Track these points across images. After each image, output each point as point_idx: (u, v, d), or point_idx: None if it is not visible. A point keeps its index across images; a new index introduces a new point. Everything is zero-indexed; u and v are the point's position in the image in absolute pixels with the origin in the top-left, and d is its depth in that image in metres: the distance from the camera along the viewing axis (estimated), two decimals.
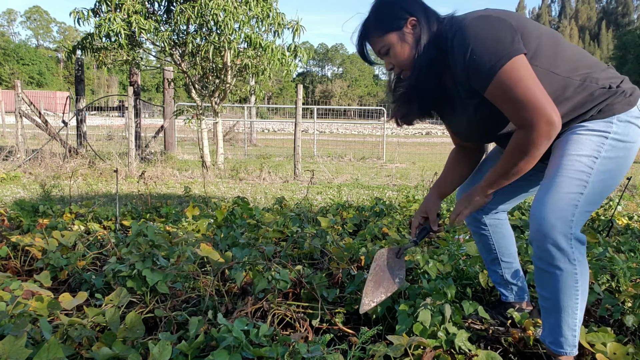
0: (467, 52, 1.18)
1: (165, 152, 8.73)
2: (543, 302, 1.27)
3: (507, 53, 1.15)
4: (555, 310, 1.24)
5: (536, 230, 1.18)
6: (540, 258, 1.20)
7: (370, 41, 1.34)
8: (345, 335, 1.52)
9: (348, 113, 23.78)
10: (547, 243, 1.16)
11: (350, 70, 69.97)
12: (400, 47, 1.30)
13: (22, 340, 1.14)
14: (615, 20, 55.73)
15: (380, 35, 1.31)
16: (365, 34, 1.34)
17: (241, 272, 1.73)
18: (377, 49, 1.34)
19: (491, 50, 1.15)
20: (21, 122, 7.39)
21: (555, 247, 1.16)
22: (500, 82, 1.15)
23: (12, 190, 4.97)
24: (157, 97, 33.72)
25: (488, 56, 1.15)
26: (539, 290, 1.27)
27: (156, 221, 2.99)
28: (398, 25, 1.29)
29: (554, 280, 1.20)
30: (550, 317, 1.26)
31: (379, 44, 1.32)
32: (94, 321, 1.39)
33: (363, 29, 1.34)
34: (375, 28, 1.32)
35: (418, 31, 1.29)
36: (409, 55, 1.30)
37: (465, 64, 1.19)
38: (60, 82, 51.20)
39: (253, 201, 4.34)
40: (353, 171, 7.38)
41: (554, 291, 1.22)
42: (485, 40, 1.16)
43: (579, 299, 1.22)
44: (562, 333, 1.26)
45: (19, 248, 2.18)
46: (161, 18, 6.66)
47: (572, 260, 1.18)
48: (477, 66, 1.17)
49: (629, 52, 37.14)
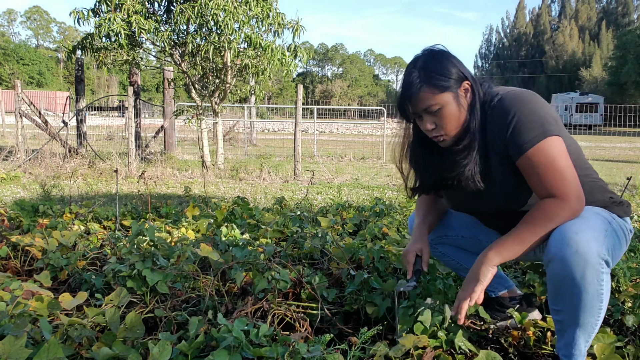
0: (513, 115, 1.20)
1: (165, 152, 8.73)
2: (561, 317, 1.21)
3: (555, 129, 1.20)
4: (573, 326, 1.20)
5: (567, 246, 1.12)
6: (567, 276, 1.14)
7: (420, 96, 1.25)
8: (345, 335, 1.52)
9: (348, 113, 23.79)
10: (580, 261, 1.11)
11: (350, 70, 69.96)
12: (454, 108, 1.25)
13: (22, 340, 1.14)
14: (615, 20, 55.69)
15: (435, 93, 1.24)
16: (416, 87, 1.24)
17: (241, 272, 1.73)
18: (424, 106, 1.25)
19: (541, 119, 1.20)
20: (21, 122, 7.39)
21: (588, 266, 1.12)
22: (546, 147, 1.18)
23: (12, 190, 4.97)
24: (157, 97, 33.71)
25: (537, 123, 1.19)
26: (557, 307, 1.21)
27: (156, 221, 2.99)
28: (455, 87, 1.26)
29: (580, 297, 1.14)
30: (567, 332, 1.22)
31: (430, 101, 1.24)
32: (94, 321, 1.39)
33: (414, 81, 1.25)
34: (429, 84, 1.24)
35: (470, 96, 1.28)
36: (463, 119, 1.27)
37: (507, 125, 1.21)
38: (60, 82, 51.19)
39: (253, 201, 4.34)
40: (353, 171, 7.38)
41: (577, 309, 1.17)
42: (536, 110, 1.21)
43: (600, 317, 1.19)
44: (578, 347, 1.22)
45: (19, 248, 2.18)
46: (161, 18, 6.66)
47: (600, 281, 1.14)
48: (523, 128, 1.19)
49: (629, 52, 37.13)
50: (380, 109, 11.93)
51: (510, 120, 1.21)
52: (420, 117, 1.30)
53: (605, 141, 16.45)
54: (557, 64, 56.76)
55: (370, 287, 1.69)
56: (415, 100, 1.26)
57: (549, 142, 1.18)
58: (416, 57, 1.30)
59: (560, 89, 46.24)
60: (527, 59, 62.08)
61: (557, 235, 1.16)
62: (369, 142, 11.97)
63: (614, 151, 12.87)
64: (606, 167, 8.73)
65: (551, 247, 1.16)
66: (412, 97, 1.26)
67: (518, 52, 64.93)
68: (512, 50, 66.81)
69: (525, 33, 65.84)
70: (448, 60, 1.27)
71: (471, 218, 1.55)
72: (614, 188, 5.50)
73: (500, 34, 70.98)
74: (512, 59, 65.04)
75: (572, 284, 1.14)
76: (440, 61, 1.27)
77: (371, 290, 1.68)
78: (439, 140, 1.31)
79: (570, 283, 1.14)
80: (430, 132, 1.30)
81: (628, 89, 37.39)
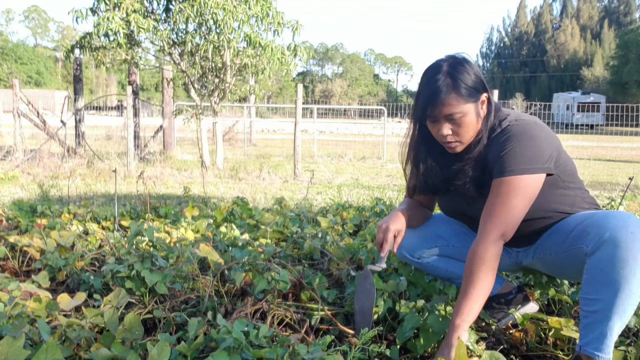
0: (514, 142, 1.27)
1: (164, 152, 8.72)
2: (597, 307, 1.19)
3: (544, 167, 1.27)
4: (611, 314, 1.18)
5: (623, 228, 1.15)
6: (620, 257, 1.14)
7: (446, 102, 1.27)
8: (345, 336, 1.51)
9: (348, 113, 23.78)
10: (635, 242, 1.14)
11: (351, 70, 69.96)
12: (474, 118, 1.30)
13: (21, 341, 1.13)
14: (617, 19, 55.68)
15: (460, 102, 1.28)
16: (443, 92, 1.27)
17: (241, 273, 1.72)
18: (447, 112, 1.28)
19: (535, 155, 1.26)
20: (19, 122, 7.38)
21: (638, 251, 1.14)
22: (518, 183, 1.25)
23: (10, 190, 4.95)
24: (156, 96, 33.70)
25: (529, 158, 1.26)
26: (595, 296, 1.19)
27: (155, 221, 2.98)
28: (476, 97, 1.31)
29: (628, 281, 1.15)
30: (602, 323, 1.20)
31: (454, 109, 1.28)
32: (93, 322, 1.38)
33: (441, 87, 1.27)
34: (456, 92, 1.27)
35: (486, 109, 1.33)
36: (477, 128, 1.32)
37: (504, 148, 1.27)
38: (58, 81, 51.15)
39: (252, 201, 4.33)
40: (353, 171, 7.37)
41: (620, 295, 1.16)
42: (535, 145, 1.27)
43: (635, 306, 1.18)
44: (612, 338, 1.19)
45: (17, 248, 2.17)
46: (160, 17, 6.64)
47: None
48: (514, 157, 1.26)
49: (630, 52, 37.13)
50: (381, 108, 11.92)
51: (509, 145, 1.28)
52: (437, 122, 1.32)
53: (607, 141, 16.46)
54: (558, 63, 56.79)
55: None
56: (440, 105, 1.28)
57: (524, 179, 1.25)
58: (439, 62, 1.32)
59: (561, 89, 46.29)
60: (529, 58, 62.09)
61: (605, 221, 1.20)
62: (369, 142, 11.96)
63: (615, 151, 12.88)
64: (608, 167, 8.72)
65: (602, 231, 1.18)
66: (437, 102, 1.28)
67: (519, 51, 64.94)
68: (513, 49, 66.82)
69: (526, 32, 65.86)
70: (473, 70, 1.31)
71: (459, 226, 1.58)
72: (616, 188, 5.50)
73: (501, 33, 71.02)
74: (513, 58, 65.06)
75: (624, 266, 1.14)
76: (467, 70, 1.30)
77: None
78: (451, 146, 1.34)
79: (622, 265, 1.15)
80: (445, 138, 1.33)
81: (630, 88, 37.40)
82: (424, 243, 1.59)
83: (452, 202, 1.48)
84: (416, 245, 1.58)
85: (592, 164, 8.11)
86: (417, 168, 1.47)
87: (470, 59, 1.35)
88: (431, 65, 1.34)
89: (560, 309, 1.68)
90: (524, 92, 41.58)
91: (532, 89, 53.74)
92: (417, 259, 1.60)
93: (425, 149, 1.42)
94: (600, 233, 1.19)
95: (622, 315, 1.18)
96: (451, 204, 1.50)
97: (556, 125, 25.07)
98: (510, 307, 1.61)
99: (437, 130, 1.33)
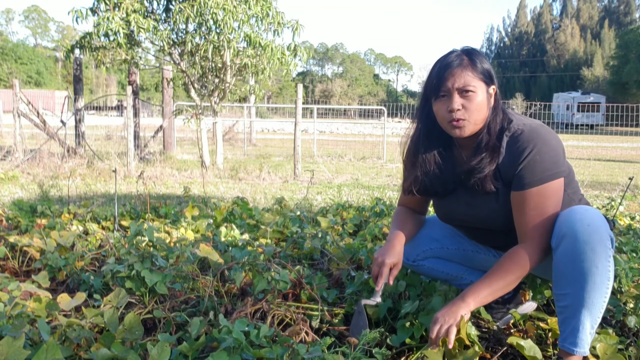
0: (531, 151, 1.26)
1: (164, 152, 8.72)
2: (567, 301, 1.22)
3: (563, 170, 1.29)
4: (581, 308, 1.20)
5: (579, 222, 1.18)
6: (579, 250, 1.17)
7: (464, 73, 1.28)
8: (345, 336, 1.51)
9: (348, 113, 23.77)
10: (593, 234, 1.16)
11: (351, 70, 69.95)
12: (484, 100, 1.31)
13: (21, 341, 1.13)
14: (617, 19, 55.65)
15: (476, 77, 1.29)
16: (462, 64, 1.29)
17: (241, 273, 1.72)
18: (463, 83, 1.28)
19: (555, 159, 1.27)
20: (19, 122, 7.38)
21: (600, 238, 1.16)
22: (547, 189, 1.26)
23: (10, 190, 4.95)
24: (156, 96, 33.68)
25: (550, 163, 1.26)
26: (564, 291, 1.22)
27: (155, 221, 2.98)
28: (488, 83, 1.32)
29: (591, 273, 1.17)
30: (574, 318, 1.21)
31: (470, 81, 1.28)
32: (93, 322, 1.38)
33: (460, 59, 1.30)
34: (474, 67, 1.30)
35: (494, 101, 1.34)
36: (485, 115, 1.32)
37: (522, 158, 1.27)
38: (58, 81, 51.14)
39: (252, 201, 4.33)
40: (353, 171, 7.37)
41: (586, 288, 1.18)
42: (552, 148, 1.27)
43: (606, 300, 1.20)
44: (585, 332, 1.21)
45: (17, 248, 2.17)
46: (160, 17, 6.64)
47: (608, 257, 1.18)
48: (537, 166, 1.26)
49: (630, 51, 37.13)
50: (381, 108, 11.92)
51: (527, 155, 1.27)
52: (448, 96, 1.30)
53: (607, 141, 16.46)
54: (558, 63, 56.79)
55: (371, 288, 1.68)
56: (455, 75, 1.28)
57: (552, 185, 1.27)
58: (453, 51, 1.35)
59: (561, 88, 46.26)
60: (529, 58, 62.09)
61: (565, 216, 1.22)
62: (369, 142, 11.96)
63: (615, 151, 12.88)
64: (608, 166, 8.72)
65: (562, 226, 1.20)
66: (452, 72, 1.28)
67: (519, 51, 64.95)
68: (513, 49, 66.83)
69: (526, 32, 65.87)
70: (486, 60, 1.35)
71: (453, 230, 1.58)
72: (616, 188, 5.50)
73: (501, 33, 71.07)
74: (513, 58, 65.06)
75: (584, 259, 1.17)
76: (482, 56, 1.34)
77: (371, 291, 1.67)
78: (459, 124, 1.30)
79: (581, 258, 1.17)
80: (454, 113, 1.29)
81: (630, 88, 37.40)
82: (419, 246, 1.59)
83: (450, 206, 1.47)
84: (411, 249, 1.58)
85: (592, 164, 8.11)
86: (419, 167, 1.44)
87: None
88: (443, 54, 1.35)
89: None
90: (524, 92, 41.55)
91: (532, 88, 53.72)
92: (413, 262, 1.60)
93: (429, 148, 1.41)
94: (560, 228, 1.21)
95: (591, 308, 1.19)
96: (448, 209, 1.48)
97: (556, 125, 25.06)
98: (510, 307, 1.61)
99: (446, 107, 1.30)
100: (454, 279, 1.62)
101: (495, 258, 1.56)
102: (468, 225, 1.49)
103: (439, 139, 1.41)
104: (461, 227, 1.54)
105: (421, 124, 1.42)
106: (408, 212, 1.57)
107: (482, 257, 1.58)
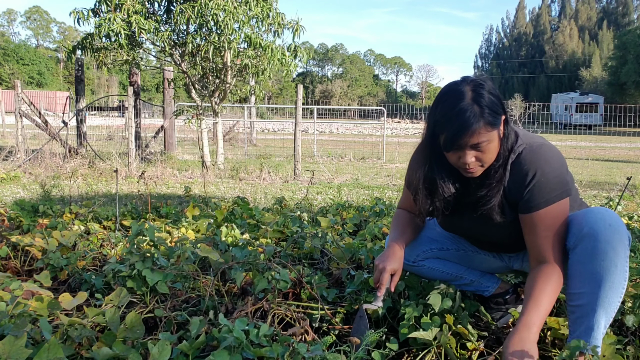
0: (534, 175, 1.26)
1: (165, 152, 8.73)
2: (583, 300, 1.21)
3: (569, 188, 1.29)
4: (597, 307, 1.19)
5: (601, 221, 1.19)
6: (600, 250, 1.17)
7: (477, 132, 1.20)
8: (346, 335, 1.52)
9: (348, 113, 23.78)
10: (614, 233, 1.17)
11: (350, 70, 69.94)
12: (497, 143, 1.26)
13: (22, 340, 1.14)
14: (615, 20, 55.60)
15: (489, 130, 1.22)
16: (477, 123, 1.20)
17: (241, 272, 1.73)
18: (477, 141, 1.21)
19: (560, 179, 1.27)
20: (21, 122, 7.39)
21: (621, 238, 1.18)
22: (555, 209, 1.26)
23: (12, 190, 4.97)
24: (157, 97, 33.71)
25: (556, 184, 1.26)
26: (580, 290, 1.21)
27: (156, 221, 2.99)
28: (499, 121, 1.24)
29: (610, 272, 1.17)
30: (588, 316, 1.21)
31: (484, 137, 1.21)
32: (94, 321, 1.39)
33: (473, 117, 1.20)
34: (486, 121, 1.20)
35: (504, 129, 1.27)
36: (497, 150, 1.27)
37: (527, 182, 1.26)
38: (60, 82, 51.16)
39: (253, 201, 4.34)
40: (353, 171, 7.38)
41: (603, 287, 1.18)
42: (556, 169, 1.27)
43: (620, 299, 1.21)
44: (599, 331, 1.20)
45: (19, 248, 2.18)
46: (161, 18, 6.66)
47: (626, 257, 1.19)
48: (543, 188, 1.25)
49: (629, 52, 37.10)
50: (381, 109, 11.93)
51: (531, 178, 1.26)
52: (460, 150, 1.25)
53: (605, 141, 16.46)
54: (557, 64, 56.73)
55: (371, 287, 1.69)
56: (469, 135, 1.21)
57: (561, 204, 1.26)
58: (460, 88, 1.24)
59: (560, 89, 46.23)
60: (527, 59, 62.04)
61: (585, 217, 1.23)
62: (369, 142, 11.97)
63: (614, 151, 12.88)
64: (606, 167, 8.72)
65: (582, 227, 1.21)
66: (467, 133, 1.20)
67: (518, 52, 64.89)
68: (512, 50, 66.78)
69: (525, 33, 65.82)
70: (495, 95, 1.25)
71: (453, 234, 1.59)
72: (614, 188, 5.51)
73: (500, 34, 70.98)
74: (512, 59, 65.01)
75: (604, 258, 1.17)
76: (491, 95, 1.24)
77: (371, 290, 1.68)
78: (472, 171, 1.28)
79: (602, 257, 1.17)
80: (467, 165, 1.26)
81: (628, 89, 37.36)
82: (419, 247, 1.60)
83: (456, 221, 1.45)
84: (411, 250, 1.58)
85: (591, 164, 8.11)
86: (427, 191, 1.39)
87: (490, 81, 1.29)
88: (451, 89, 1.26)
89: (558, 309, 1.69)
90: (523, 93, 41.48)
91: (531, 89, 53.68)
92: (413, 263, 1.61)
93: (442, 174, 1.35)
94: (580, 228, 1.22)
95: (607, 307, 1.19)
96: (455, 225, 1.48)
97: (554, 126, 25.07)
98: (509, 306, 1.62)
99: (458, 158, 1.26)
100: (453, 279, 1.63)
101: (495, 258, 1.57)
102: (472, 236, 1.50)
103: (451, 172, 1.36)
104: (464, 235, 1.55)
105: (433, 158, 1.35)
106: (408, 216, 1.57)
107: (482, 257, 1.59)
